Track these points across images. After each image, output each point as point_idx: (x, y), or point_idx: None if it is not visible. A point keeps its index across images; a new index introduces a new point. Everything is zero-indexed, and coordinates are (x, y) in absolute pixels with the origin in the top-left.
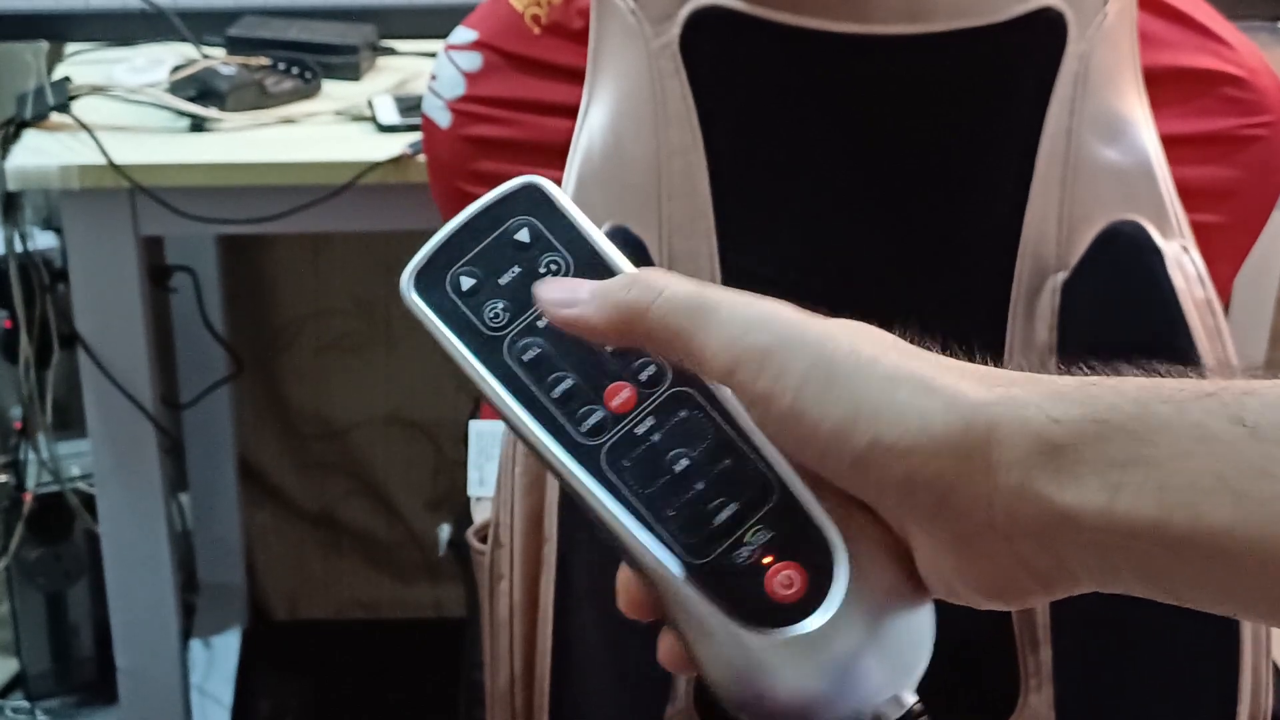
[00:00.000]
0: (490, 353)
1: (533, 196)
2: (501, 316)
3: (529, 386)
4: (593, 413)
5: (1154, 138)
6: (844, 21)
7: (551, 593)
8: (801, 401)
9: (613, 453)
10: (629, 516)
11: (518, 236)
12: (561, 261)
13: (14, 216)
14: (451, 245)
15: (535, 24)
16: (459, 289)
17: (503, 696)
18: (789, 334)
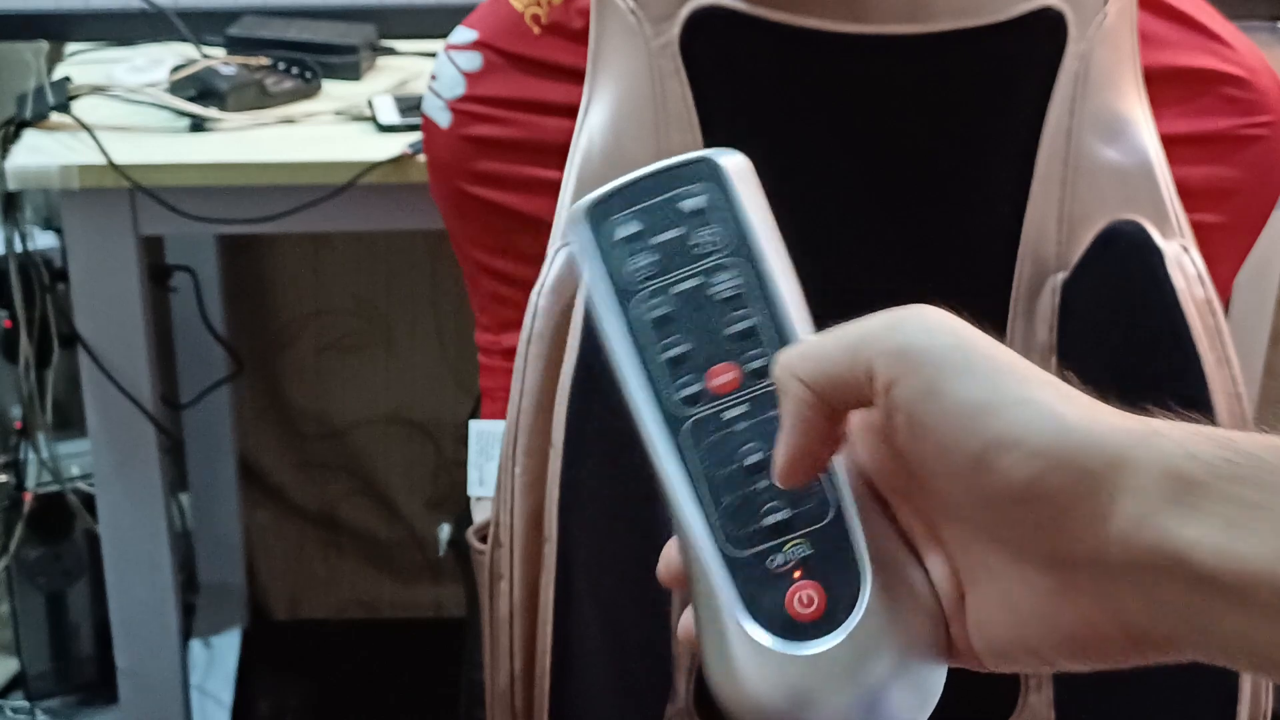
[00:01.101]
0: (624, 300)
1: (715, 171)
2: (645, 270)
3: (646, 341)
4: (693, 384)
5: (1154, 138)
6: (844, 21)
7: (551, 593)
8: (940, 382)
9: (696, 427)
10: (689, 490)
11: (686, 203)
12: (719, 238)
13: (14, 216)
14: (631, 190)
15: (535, 24)
16: (622, 234)
17: (503, 696)
18: (929, 323)
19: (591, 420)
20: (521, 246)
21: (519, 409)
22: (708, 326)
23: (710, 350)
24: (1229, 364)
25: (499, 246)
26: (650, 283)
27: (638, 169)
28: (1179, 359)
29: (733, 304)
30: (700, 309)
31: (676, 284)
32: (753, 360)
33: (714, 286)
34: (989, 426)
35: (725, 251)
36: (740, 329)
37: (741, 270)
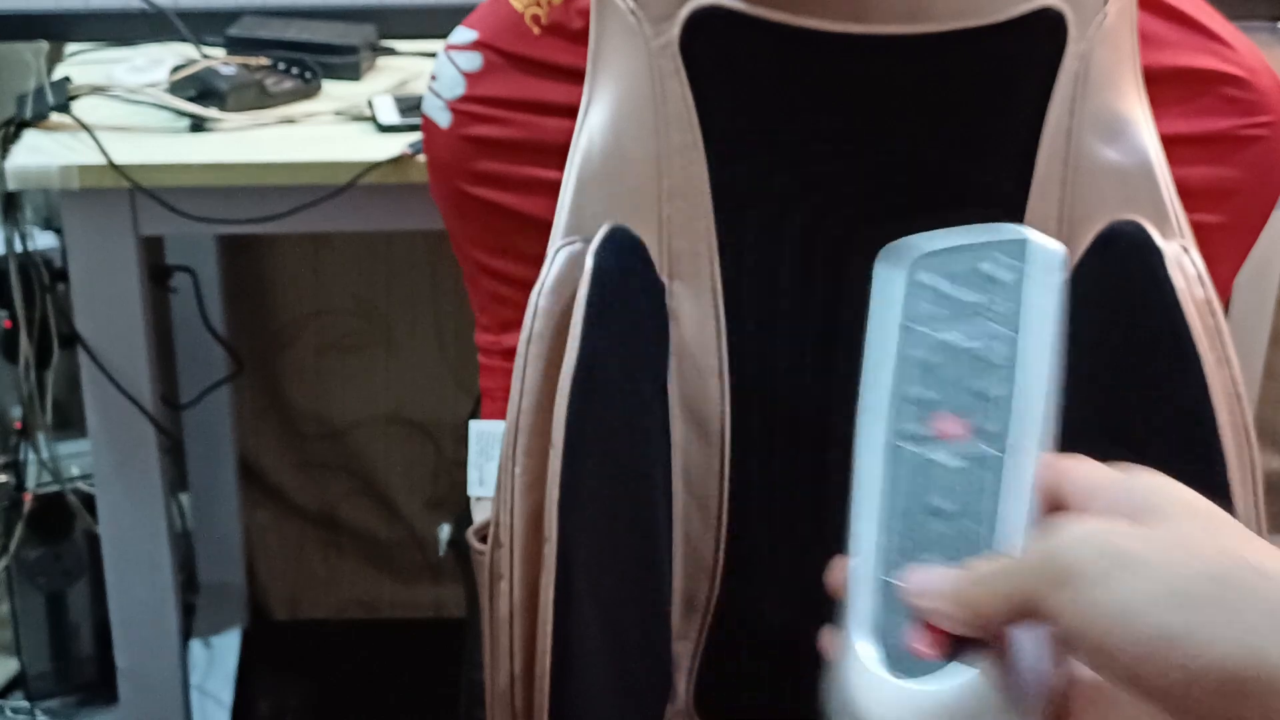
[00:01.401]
0: (905, 336)
1: (1024, 250)
2: (928, 319)
3: (902, 374)
4: (924, 422)
5: (1154, 138)
6: (844, 21)
7: (551, 593)
8: (1084, 591)
9: (908, 459)
10: (874, 510)
11: (990, 269)
12: (1011, 312)
13: (14, 216)
14: (946, 248)
15: (535, 24)
16: (931, 283)
17: (503, 696)
18: (1091, 540)
19: (591, 420)
20: (521, 246)
21: (519, 409)
22: (959, 380)
23: (951, 400)
24: (1229, 364)
25: (499, 246)
26: (923, 328)
27: (638, 169)
28: (1179, 359)
29: (991, 371)
30: (961, 364)
31: (951, 338)
32: (982, 420)
33: (983, 350)
34: (1145, 624)
35: (1003, 323)
36: (985, 391)
37: (1013, 348)
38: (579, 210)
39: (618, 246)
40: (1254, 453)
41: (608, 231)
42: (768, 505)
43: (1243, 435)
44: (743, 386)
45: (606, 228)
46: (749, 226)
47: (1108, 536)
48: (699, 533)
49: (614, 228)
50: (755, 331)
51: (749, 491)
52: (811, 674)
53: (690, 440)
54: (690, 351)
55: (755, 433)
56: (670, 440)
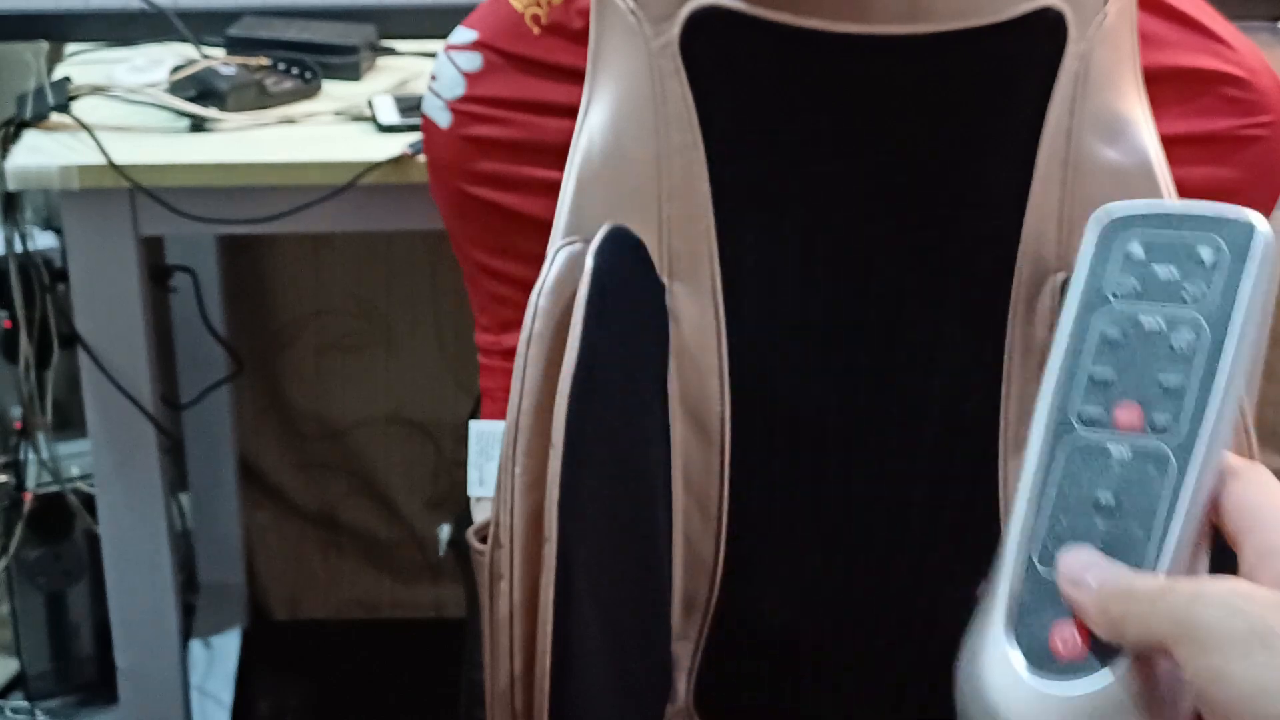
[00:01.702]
0: (1091, 306)
1: (1245, 233)
2: (1127, 290)
3: (1086, 351)
4: (1100, 406)
5: (1154, 138)
6: (844, 21)
7: (551, 593)
8: (1228, 665)
9: (1078, 444)
10: (1036, 494)
11: (1201, 250)
12: (1204, 293)
13: (14, 216)
14: (1158, 218)
15: (535, 24)
16: (1127, 249)
17: (503, 696)
18: (1230, 602)
19: (591, 420)
20: (521, 246)
21: (519, 409)
22: (1143, 365)
23: (1133, 387)
24: None
25: (499, 246)
26: (1120, 302)
27: (638, 169)
28: None
29: (1177, 359)
30: (1147, 347)
31: (1142, 315)
32: (1162, 414)
33: (1172, 335)
34: (1268, 711)
35: (1202, 309)
36: (1169, 383)
37: (1205, 336)
38: (579, 210)
39: (618, 246)
40: (1254, 453)
41: (608, 231)
42: (768, 505)
43: (1243, 435)
44: (743, 386)
45: (606, 228)
46: (749, 226)
47: (1248, 603)
48: (699, 533)
49: (614, 228)
50: (755, 331)
51: (749, 491)
52: (811, 674)
53: (690, 440)
54: (690, 351)
55: (755, 433)
56: (670, 440)
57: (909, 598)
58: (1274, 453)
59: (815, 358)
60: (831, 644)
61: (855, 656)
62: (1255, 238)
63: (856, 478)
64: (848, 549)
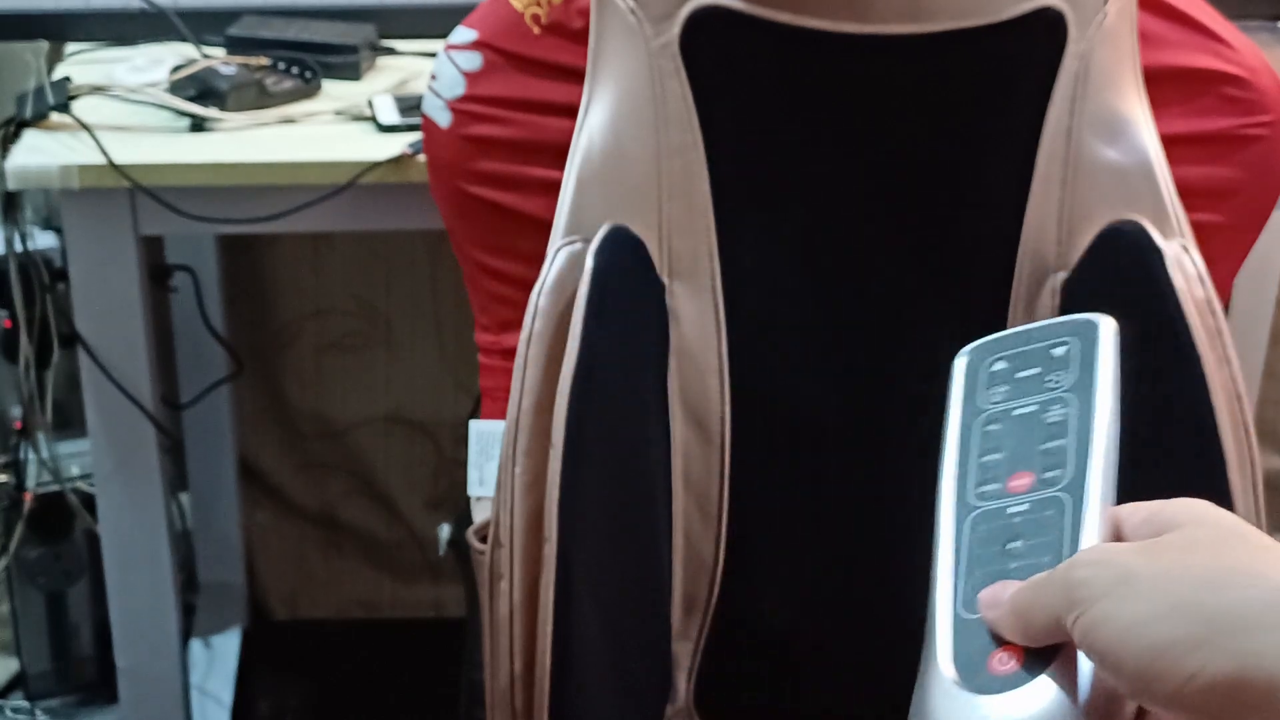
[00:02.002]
0: (971, 416)
1: (1090, 327)
2: (998, 398)
3: (973, 446)
4: (994, 483)
5: (1154, 137)
6: (844, 21)
7: (551, 593)
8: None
9: (982, 515)
10: (951, 557)
11: (1055, 350)
12: (1064, 378)
13: (14, 216)
14: (1014, 339)
15: (535, 24)
16: (990, 367)
17: (503, 696)
18: (1097, 558)
19: (591, 420)
20: (521, 246)
21: (519, 409)
22: (1025, 442)
23: (1018, 458)
24: (1229, 364)
25: (499, 246)
26: (995, 407)
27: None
28: (1179, 359)
29: (1054, 429)
30: (1026, 428)
31: (1014, 409)
32: (1050, 471)
33: (1046, 414)
34: (1144, 637)
35: (1066, 388)
36: (1050, 447)
37: (1074, 405)
38: (579, 210)
39: (618, 246)
40: (1254, 453)
41: (608, 231)
42: (768, 505)
43: (1243, 435)
44: (743, 386)
45: (606, 227)
46: (749, 226)
47: (1112, 554)
48: (699, 533)
49: (614, 227)
50: (755, 331)
51: (749, 491)
52: (811, 674)
53: (690, 440)
54: (690, 351)
55: (755, 433)
56: (670, 440)
57: (908, 598)
58: (1274, 453)
59: (815, 357)
60: (831, 644)
61: (855, 656)
62: (1101, 327)
63: (856, 477)
64: (847, 549)
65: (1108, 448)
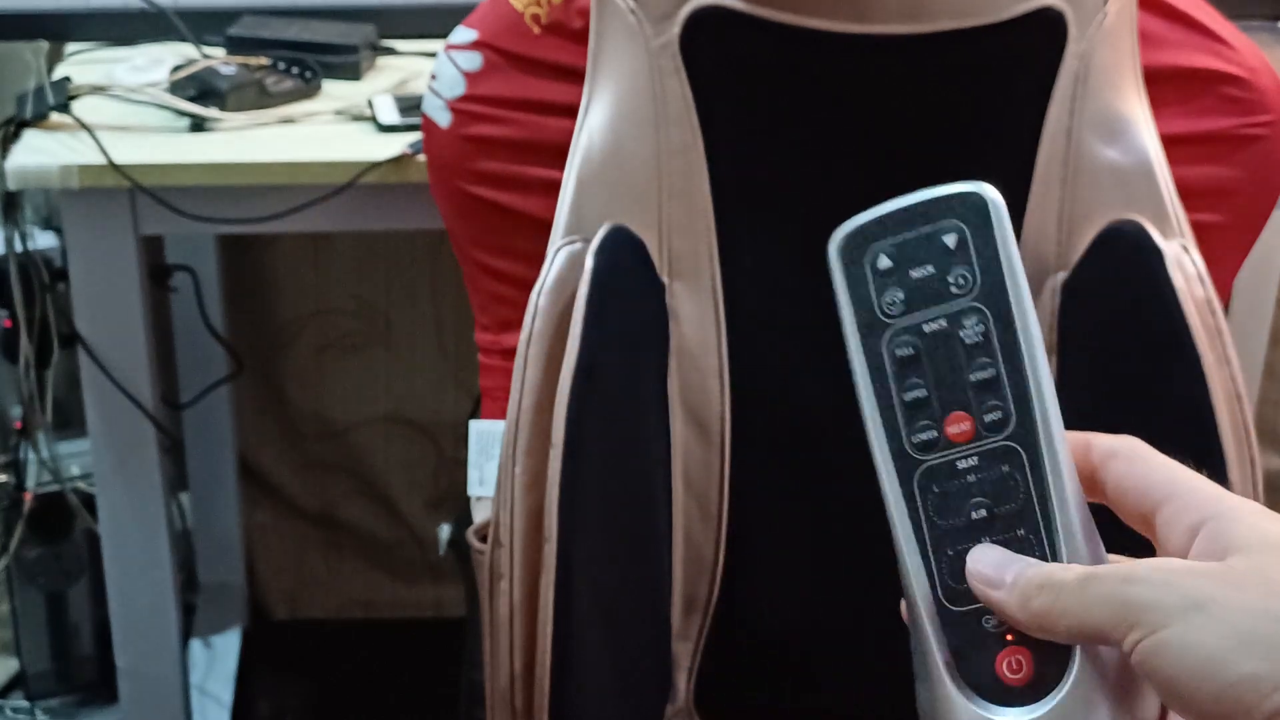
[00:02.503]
0: (871, 333)
1: (977, 206)
2: (897, 306)
3: (888, 379)
4: (930, 429)
5: (1154, 137)
6: (844, 21)
7: (551, 593)
8: (1167, 636)
9: (928, 474)
10: (912, 537)
11: (945, 238)
12: (969, 279)
13: (14, 216)
14: (887, 221)
15: (535, 24)
16: (874, 264)
17: (503, 696)
18: (1163, 579)
19: (591, 420)
20: (521, 246)
21: (519, 409)
22: (951, 371)
23: (950, 397)
24: (1229, 364)
25: (499, 246)
26: (899, 319)
27: (637, 169)
28: (1179, 359)
29: (976, 353)
30: (944, 353)
31: (926, 322)
32: (989, 413)
33: (961, 330)
34: (1230, 671)
35: (976, 295)
36: (981, 379)
37: (990, 317)
38: (579, 210)
39: (618, 246)
40: (1254, 453)
41: (608, 231)
42: (768, 505)
43: (1243, 435)
44: (743, 386)
45: (606, 227)
46: (749, 226)
47: (1179, 576)
48: (699, 533)
49: (614, 227)
50: (755, 331)
51: (749, 491)
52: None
53: (690, 440)
54: (690, 351)
55: (755, 433)
56: (670, 440)
57: None
58: (1274, 453)
59: (815, 357)
60: (831, 644)
61: (855, 656)
62: (988, 207)
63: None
64: (847, 549)
65: (1045, 377)
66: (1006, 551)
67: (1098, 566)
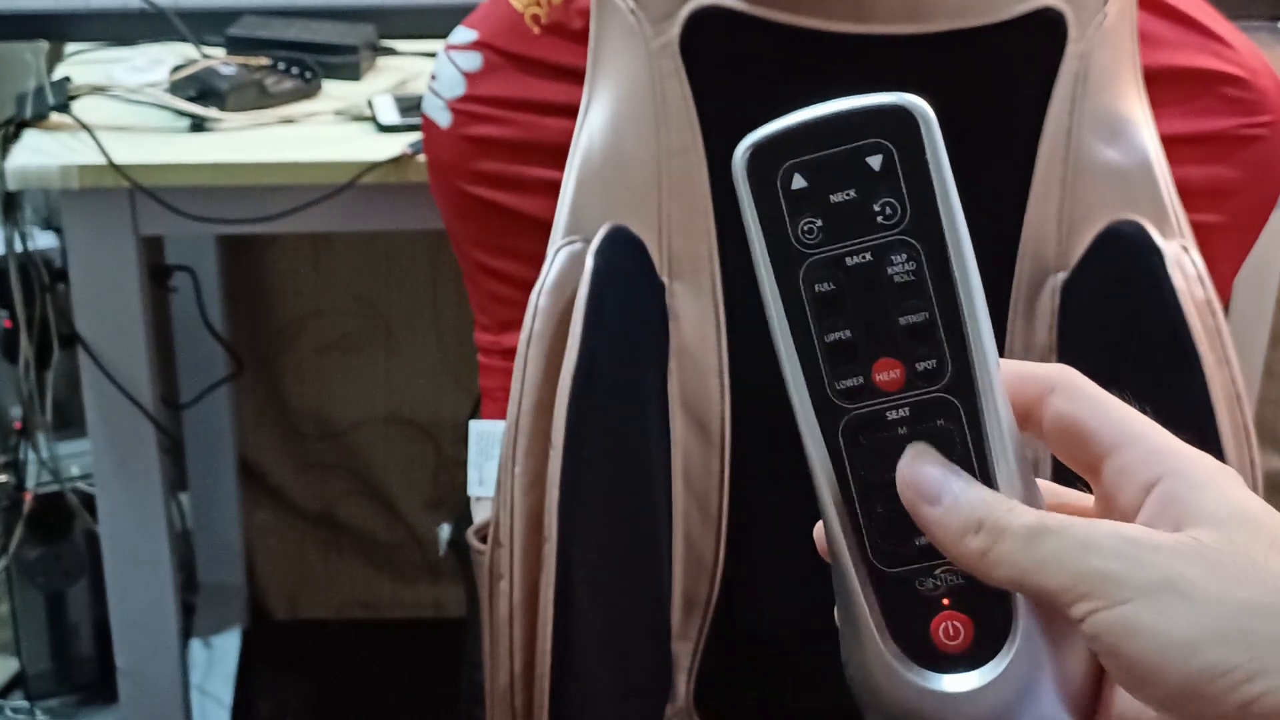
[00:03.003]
0: (786, 265)
1: (906, 123)
2: (815, 235)
3: (807, 319)
4: (854, 375)
5: (1154, 138)
6: (844, 22)
7: (551, 593)
8: (1139, 619)
9: (853, 423)
10: (838, 493)
11: (869, 159)
12: (897, 208)
13: (14, 216)
14: (801, 134)
15: (535, 24)
16: (788, 185)
17: (503, 696)
18: (1133, 553)
19: (592, 420)
20: (521, 246)
21: (519, 409)
22: (876, 313)
23: (877, 341)
24: (1229, 364)
25: (499, 246)
26: (818, 251)
27: (638, 169)
28: (1179, 359)
29: (906, 293)
30: (869, 291)
31: (848, 255)
32: (922, 361)
33: (889, 267)
34: (1198, 658)
35: (905, 227)
36: (912, 322)
37: (920, 251)
38: (579, 210)
39: (618, 246)
40: (1254, 453)
41: (608, 231)
42: (768, 505)
43: (1243, 435)
44: (743, 386)
45: (606, 228)
46: None
47: (1146, 551)
48: (699, 533)
49: (614, 228)
50: (755, 331)
51: (749, 491)
52: (810, 674)
53: (690, 440)
54: (690, 351)
55: (755, 433)
56: (670, 440)
57: None
58: (1274, 453)
59: None
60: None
61: None
62: (917, 122)
63: None
64: None
65: (983, 323)
66: (945, 462)
67: (1046, 517)
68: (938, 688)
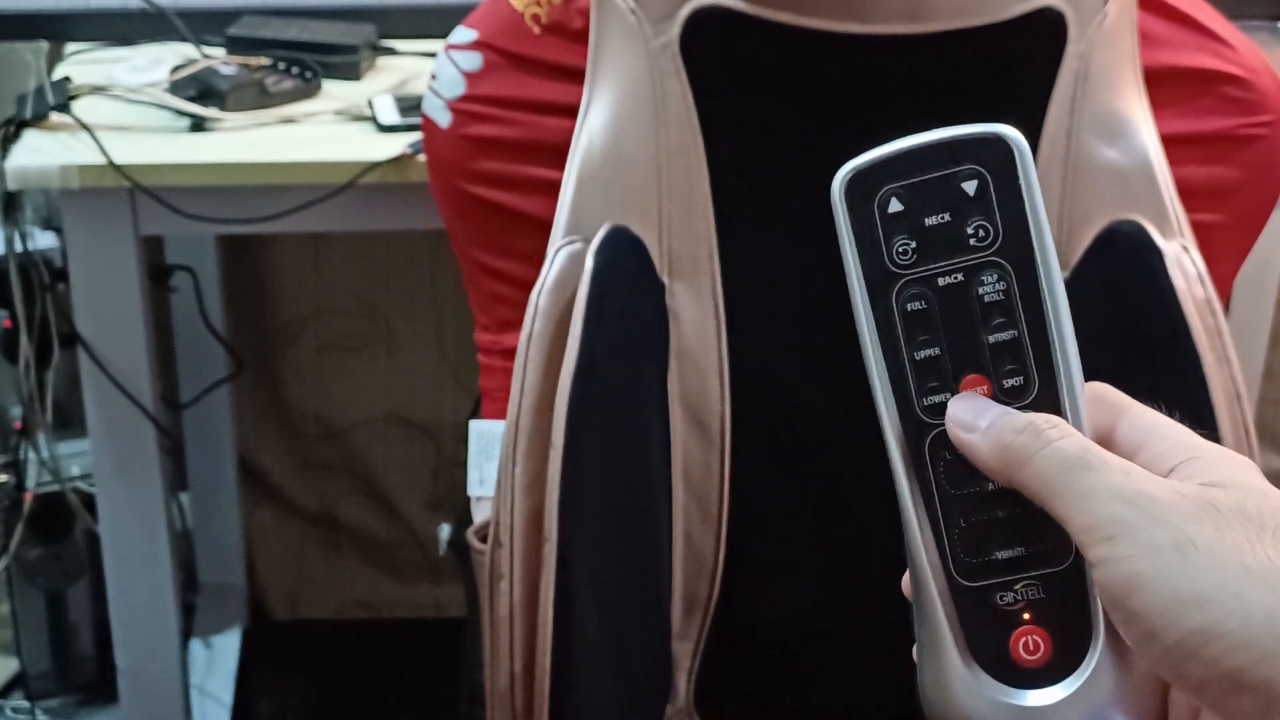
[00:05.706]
0: (880, 285)
1: (1001, 151)
2: (909, 255)
3: (898, 336)
4: (943, 390)
5: (1154, 137)
6: (844, 21)
7: (551, 593)
8: (1147, 574)
9: (940, 438)
10: (921, 507)
11: (964, 185)
12: (990, 231)
13: (14, 216)
14: (900, 162)
15: (535, 24)
16: (884, 208)
17: (503, 696)
18: (1153, 510)
19: (592, 420)
20: (521, 246)
21: (519, 409)
22: (965, 331)
23: (966, 358)
24: (1229, 364)
25: (499, 246)
26: (911, 271)
27: (637, 169)
28: (1179, 359)
29: (996, 312)
30: (960, 310)
31: (940, 275)
32: (1009, 378)
33: (979, 287)
34: (1193, 618)
35: (997, 249)
36: (1000, 340)
37: (1010, 272)
38: (579, 210)
39: (618, 246)
40: (1254, 453)
41: (608, 231)
42: (768, 505)
43: (1243, 435)
44: (743, 386)
45: (606, 228)
46: (749, 226)
47: (1156, 507)
48: (699, 533)
49: (614, 228)
50: (755, 331)
51: (749, 491)
52: (811, 673)
53: (690, 440)
54: (690, 351)
55: (755, 433)
56: (670, 440)
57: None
58: (1274, 453)
59: (815, 357)
60: (832, 644)
61: (856, 656)
62: (1013, 152)
63: (856, 477)
64: (847, 549)
65: (1070, 344)
66: (988, 400)
67: (1090, 451)
68: (1021, 703)
